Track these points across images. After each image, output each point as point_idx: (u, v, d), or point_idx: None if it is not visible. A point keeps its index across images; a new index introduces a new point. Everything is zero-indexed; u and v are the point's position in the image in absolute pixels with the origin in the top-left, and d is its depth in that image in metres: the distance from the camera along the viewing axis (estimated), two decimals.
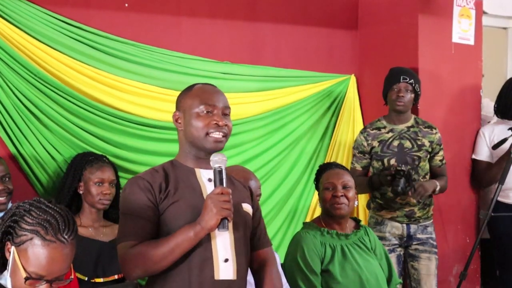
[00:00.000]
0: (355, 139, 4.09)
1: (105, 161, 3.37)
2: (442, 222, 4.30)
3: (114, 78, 3.63)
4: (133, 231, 2.23)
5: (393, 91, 3.95)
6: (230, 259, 2.29)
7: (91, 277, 3.12)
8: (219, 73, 4.00)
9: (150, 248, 2.19)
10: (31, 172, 3.41)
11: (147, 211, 2.25)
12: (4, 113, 3.34)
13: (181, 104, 2.41)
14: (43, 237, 1.87)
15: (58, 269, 1.90)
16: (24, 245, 1.87)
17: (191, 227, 2.20)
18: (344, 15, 4.58)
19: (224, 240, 2.29)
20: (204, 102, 2.36)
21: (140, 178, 2.31)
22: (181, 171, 2.37)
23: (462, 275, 3.98)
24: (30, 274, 1.87)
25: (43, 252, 1.87)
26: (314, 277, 3.06)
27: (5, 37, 3.32)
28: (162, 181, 2.30)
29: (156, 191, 2.28)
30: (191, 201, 2.28)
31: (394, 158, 3.93)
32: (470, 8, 4.43)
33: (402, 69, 4.01)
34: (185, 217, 2.25)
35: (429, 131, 4.01)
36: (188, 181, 2.34)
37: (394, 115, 4.01)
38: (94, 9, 3.63)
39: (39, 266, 1.87)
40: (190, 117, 2.35)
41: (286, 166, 4.27)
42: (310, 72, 4.38)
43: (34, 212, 1.90)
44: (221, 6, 4.07)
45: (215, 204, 2.18)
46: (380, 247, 3.33)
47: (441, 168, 4.08)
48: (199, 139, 2.34)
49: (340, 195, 3.18)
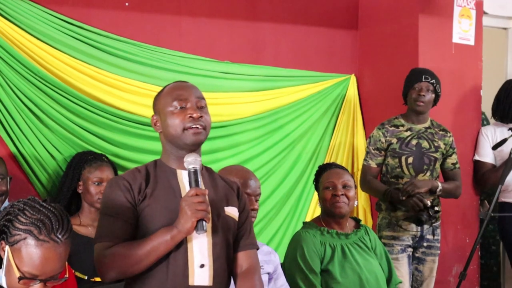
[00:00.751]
0: (371, 135, 4.00)
1: (104, 160, 3.37)
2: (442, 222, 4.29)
3: (115, 77, 3.63)
4: (109, 232, 2.20)
5: (414, 90, 3.91)
6: (206, 264, 2.24)
7: (91, 276, 3.12)
8: (219, 73, 4.00)
9: (126, 250, 2.16)
10: (31, 171, 3.41)
11: (125, 212, 2.22)
12: (5, 112, 3.34)
13: (156, 106, 2.36)
14: (37, 237, 1.86)
15: (52, 268, 1.89)
16: (18, 244, 1.86)
17: (168, 230, 2.17)
18: (345, 15, 4.58)
19: (201, 244, 2.24)
20: (176, 98, 2.30)
21: (121, 178, 2.27)
22: (163, 171, 2.32)
23: (462, 275, 3.98)
24: (23, 273, 1.86)
25: (37, 252, 1.86)
26: (313, 276, 3.06)
27: (5, 36, 3.32)
28: (142, 181, 2.27)
29: (135, 192, 2.24)
30: (168, 203, 2.24)
31: (412, 156, 3.89)
32: (470, 8, 4.43)
33: (424, 69, 3.99)
34: (161, 219, 2.21)
35: (444, 134, 4.00)
36: (167, 182, 2.29)
37: (413, 115, 3.97)
38: (94, 8, 3.63)
39: (33, 266, 1.86)
40: (165, 117, 2.30)
41: (286, 166, 4.27)
42: (310, 72, 4.38)
43: (28, 212, 1.89)
44: (222, 6, 4.07)
45: (189, 207, 2.14)
46: (380, 246, 3.33)
47: (454, 172, 4.02)
48: (178, 137, 2.28)
49: (340, 194, 3.18)
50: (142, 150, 3.72)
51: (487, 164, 4.35)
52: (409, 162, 3.89)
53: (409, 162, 3.89)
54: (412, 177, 3.85)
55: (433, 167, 3.92)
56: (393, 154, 3.92)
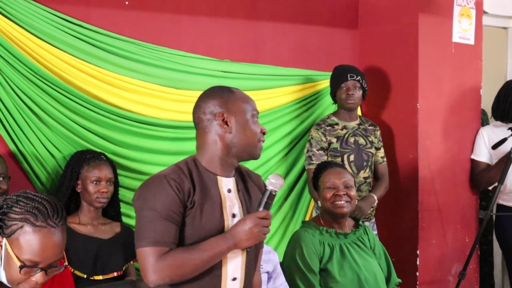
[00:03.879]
0: (311, 137, 4.04)
1: (103, 159, 3.36)
2: (441, 221, 4.31)
3: (115, 76, 3.63)
4: (162, 236, 2.13)
5: (342, 89, 4.02)
6: (238, 278, 2.25)
7: (90, 274, 3.12)
8: (219, 72, 4.00)
9: (184, 259, 2.12)
10: (30, 170, 3.41)
11: (177, 215, 2.16)
12: (4, 111, 3.33)
13: (229, 105, 2.26)
14: (34, 224, 1.88)
15: (51, 254, 1.91)
16: (15, 234, 1.88)
17: (223, 241, 2.15)
18: (344, 14, 4.58)
19: (236, 258, 2.24)
20: (255, 109, 2.30)
21: (169, 178, 2.18)
22: (204, 176, 2.25)
23: (461, 275, 3.99)
24: (24, 262, 1.87)
25: (35, 238, 1.88)
26: (312, 276, 3.07)
27: (5, 34, 3.32)
28: (190, 186, 2.19)
29: (186, 196, 2.18)
30: (210, 215, 2.20)
31: (353, 154, 3.99)
32: (470, 8, 4.43)
33: (348, 67, 4.10)
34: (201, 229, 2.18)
35: (374, 128, 4.16)
36: (210, 189, 2.24)
37: (345, 113, 4.08)
38: (94, 7, 3.63)
39: (33, 252, 1.88)
40: (246, 122, 2.25)
41: (285, 165, 4.27)
42: (310, 71, 4.38)
43: (22, 202, 1.92)
44: (222, 5, 4.07)
45: (259, 229, 2.15)
46: (379, 246, 3.34)
47: (383, 165, 4.16)
48: (251, 145, 2.26)
49: (342, 194, 3.19)
50: (142, 148, 3.71)
51: (481, 163, 4.37)
52: (351, 160, 3.98)
53: (351, 160, 3.98)
54: (354, 174, 3.92)
55: (371, 162, 4.05)
56: (335, 154, 3.99)
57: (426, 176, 4.26)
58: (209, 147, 2.28)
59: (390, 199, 4.32)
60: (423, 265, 4.24)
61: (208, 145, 2.28)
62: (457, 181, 4.40)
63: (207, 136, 2.28)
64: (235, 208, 2.27)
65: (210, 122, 2.27)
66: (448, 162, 4.35)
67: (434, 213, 4.27)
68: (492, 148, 4.22)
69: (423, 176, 4.24)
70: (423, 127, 4.25)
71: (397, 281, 3.33)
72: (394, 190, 4.33)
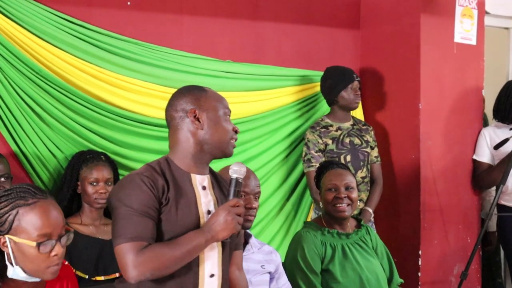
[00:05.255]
0: (308, 140, 4.04)
1: (101, 159, 3.35)
2: (443, 222, 4.30)
3: (116, 76, 3.63)
4: (139, 231, 2.12)
5: (348, 90, 4.04)
6: (216, 274, 2.26)
7: (92, 275, 3.12)
8: (221, 72, 4.00)
9: (162, 251, 2.11)
10: (32, 170, 3.42)
11: (152, 211, 2.15)
12: (6, 111, 3.34)
13: (201, 102, 2.29)
14: (27, 203, 1.93)
15: (55, 221, 1.96)
16: (15, 222, 1.92)
17: (200, 234, 2.15)
18: (346, 15, 4.58)
19: (213, 255, 2.26)
20: (227, 107, 2.33)
21: (143, 175, 2.18)
22: (177, 173, 2.26)
23: (463, 275, 3.98)
24: (37, 239, 1.91)
25: (35, 213, 1.93)
26: (314, 276, 3.06)
27: (7, 35, 3.32)
28: (164, 183, 2.20)
29: (160, 192, 2.18)
30: (186, 212, 2.21)
31: (349, 154, 4.01)
32: (472, 8, 4.43)
33: (349, 68, 4.14)
34: (176, 226, 2.18)
35: (367, 127, 4.20)
36: (183, 187, 2.25)
37: (341, 114, 4.11)
38: (96, 7, 3.63)
39: (39, 226, 1.93)
40: (218, 119, 2.28)
41: (287, 165, 4.27)
42: (312, 71, 4.38)
43: (3, 196, 1.96)
44: (224, 5, 4.07)
45: (233, 218, 2.15)
46: (381, 246, 3.33)
47: (377, 165, 4.18)
48: (223, 143, 2.28)
49: (343, 197, 3.18)
50: (144, 149, 3.71)
51: (483, 164, 4.36)
52: (348, 160, 4.00)
53: (348, 160, 4.00)
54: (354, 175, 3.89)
55: (367, 162, 4.08)
56: (332, 155, 4.00)
57: (428, 176, 4.25)
58: (181, 144, 2.29)
59: (392, 199, 4.32)
60: (425, 265, 4.23)
61: (180, 142, 2.29)
62: (459, 181, 4.40)
63: (179, 134, 2.29)
64: (211, 204, 2.29)
65: (182, 119, 2.28)
66: (450, 163, 4.35)
67: (436, 214, 4.26)
68: (494, 149, 4.22)
69: (425, 177, 4.24)
70: (425, 128, 4.24)
71: (399, 282, 3.33)
72: (396, 191, 4.33)
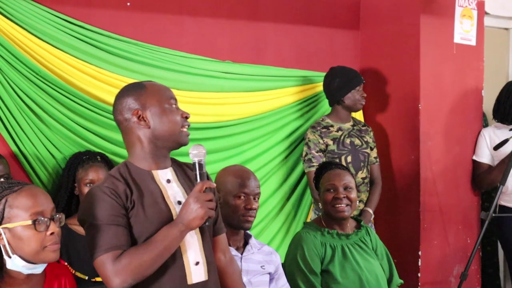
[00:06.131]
0: (309, 140, 4.04)
1: (97, 160, 3.34)
2: (443, 222, 4.30)
3: (116, 76, 3.63)
4: (114, 241, 2.12)
5: (356, 91, 4.07)
6: (200, 261, 2.26)
7: (92, 276, 3.12)
8: (220, 73, 4.00)
9: (139, 255, 2.11)
10: (32, 170, 3.42)
11: (120, 218, 2.16)
12: (6, 111, 3.34)
13: (142, 101, 2.25)
14: (14, 190, 1.98)
15: (45, 201, 2.00)
16: (5, 211, 1.96)
17: (173, 227, 2.15)
18: (346, 15, 4.57)
19: (193, 242, 2.25)
20: (171, 97, 2.30)
21: (104, 187, 2.18)
22: (138, 175, 2.26)
23: (463, 276, 3.98)
24: (31, 217, 1.95)
25: (23, 196, 1.97)
26: (314, 277, 3.06)
27: (7, 35, 3.32)
28: (125, 188, 2.20)
29: (124, 198, 2.18)
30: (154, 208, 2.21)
31: (350, 155, 4.02)
32: (472, 9, 4.43)
33: (355, 70, 4.18)
34: (150, 226, 2.18)
35: (367, 128, 4.21)
36: (146, 186, 2.24)
37: (344, 114, 4.12)
38: (96, 8, 3.63)
39: (30, 206, 1.97)
40: (162, 112, 2.25)
41: (287, 166, 4.26)
42: (312, 72, 4.38)
43: None
44: (223, 6, 4.07)
45: (202, 205, 2.14)
46: (381, 247, 3.33)
47: (376, 165, 4.19)
48: (174, 134, 2.26)
49: (342, 197, 3.18)
50: None
51: (483, 164, 4.36)
52: (349, 161, 4.01)
53: (349, 161, 4.01)
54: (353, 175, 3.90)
55: (367, 163, 4.09)
56: (332, 155, 4.00)
57: (427, 177, 4.25)
58: (135, 146, 2.29)
59: (392, 200, 4.32)
60: (425, 266, 4.23)
61: (134, 144, 2.29)
62: (459, 182, 4.40)
63: (130, 136, 2.29)
64: (179, 195, 2.28)
65: (128, 122, 2.27)
66: (450, 163, 4.35)
67: (436, 214, 4.26)
68: (493, 149, 4.22)
69: (424, 177, 4.24)
70: (425, 128, 4.24)
71: (399, 282, 3.32)
72: (396, 191, 4.33)
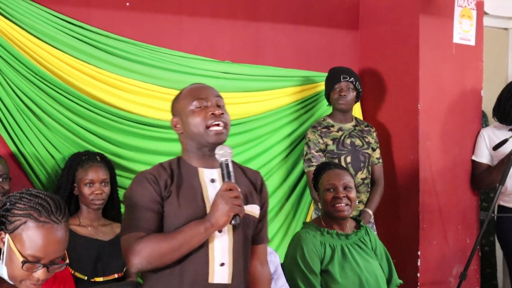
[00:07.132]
0: (309, 139, 4.04)
1: (97, 160, 3.34)
2: (442, 222, 4.31)
3: (115, 77, 3.63)
4: (141, 222, 2.24)
5: (335, 90, 4.03)
6: (226, 263, 2.27)
7: (91, 276, 3.12)
8: (220, 73, 4.00)
9: (159, 239, 2.20)
10: (31, 170, 3.41)
11: (155, 204, 2.26)
12: (5, 112, 3.34)
13: (175, 108, 2.45)
14: (37, 219, 1.90)
15: (53, 250, 1.92)
16: (19, 229, 1.90)
17: (200, 223, 2.21)
18: (345, 15, 4.58)
19: (222, 243, 2.28)
20: (196, 97, 2.38)
21: (147, 173, 2.33)
22: (186, 169, 2.37)
23: (462, 276, 3.98)
24: (26, 257, 1.89)
25: (38, 233, 1.89)
26: (313, 277, 3.06)
27: (6, 36, 3.32)
28: (167, 178, 2.31)
29: (162, 187, 2.29)
30: (190, 203, 2.29)
31: (350, 155, 4.00)
32: (471, 9, 4.43)
33: (342, 69, 4.10)
34: (182, 218, 2.25)
35: (370, 129, 4.17)
36: (190, 181, 2.34)
37: (340, 114, 4.09)
38: (95, 8, 3.63)
39: (35, 248, 1.89)
40: (186, 117, 2.36)
41: (286, 166, 4.27)
42: (311, 72, 4.38)
43: (26, 198, 1.94)
44: (222, 6, 4.07)
45: (226, 201, 2.19)
46: (380, 247, 3.33)
47: (378, 166, 4.15)
48: (200, 135, 2.34)
49: (342, 196, 3.18)
50: (142, 149, 3.72)
51: (482, 164, 4.37)
52: (348, 162, 3.99)
53: (348, 161, 3.99)
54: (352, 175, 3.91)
55: (367, 163, 4.06)
56: (332, 156, 3.99)
57: (427, 177, 4.25)
58: (184, 146, 2.44)
59: (391, 200, 4.32)
60: (424, 266, 4.23)
61: (183, 144, 2.45)
62: (458, 182, 4.40)
63: (179, 138, 2.46)
64: None
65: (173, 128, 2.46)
66: (449, 163, 4.35)
67: (435, 214, 4.27)
68: (493, 149, 4.22)
69: (423, 177, 4.24)
70: (424, 128, 4.24)
71: (398, 282, 3.32)
72: (395, 191, 4.33)
